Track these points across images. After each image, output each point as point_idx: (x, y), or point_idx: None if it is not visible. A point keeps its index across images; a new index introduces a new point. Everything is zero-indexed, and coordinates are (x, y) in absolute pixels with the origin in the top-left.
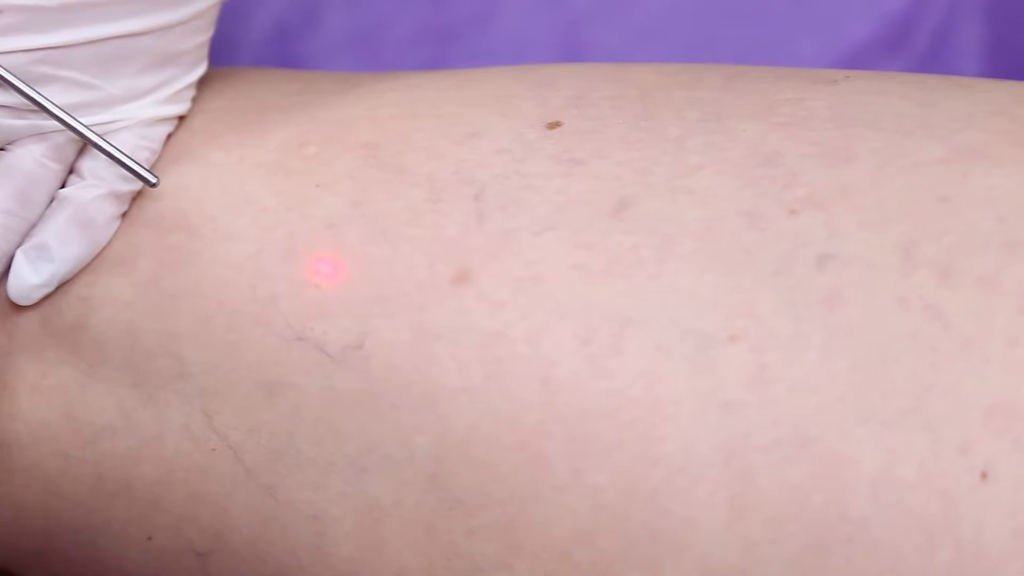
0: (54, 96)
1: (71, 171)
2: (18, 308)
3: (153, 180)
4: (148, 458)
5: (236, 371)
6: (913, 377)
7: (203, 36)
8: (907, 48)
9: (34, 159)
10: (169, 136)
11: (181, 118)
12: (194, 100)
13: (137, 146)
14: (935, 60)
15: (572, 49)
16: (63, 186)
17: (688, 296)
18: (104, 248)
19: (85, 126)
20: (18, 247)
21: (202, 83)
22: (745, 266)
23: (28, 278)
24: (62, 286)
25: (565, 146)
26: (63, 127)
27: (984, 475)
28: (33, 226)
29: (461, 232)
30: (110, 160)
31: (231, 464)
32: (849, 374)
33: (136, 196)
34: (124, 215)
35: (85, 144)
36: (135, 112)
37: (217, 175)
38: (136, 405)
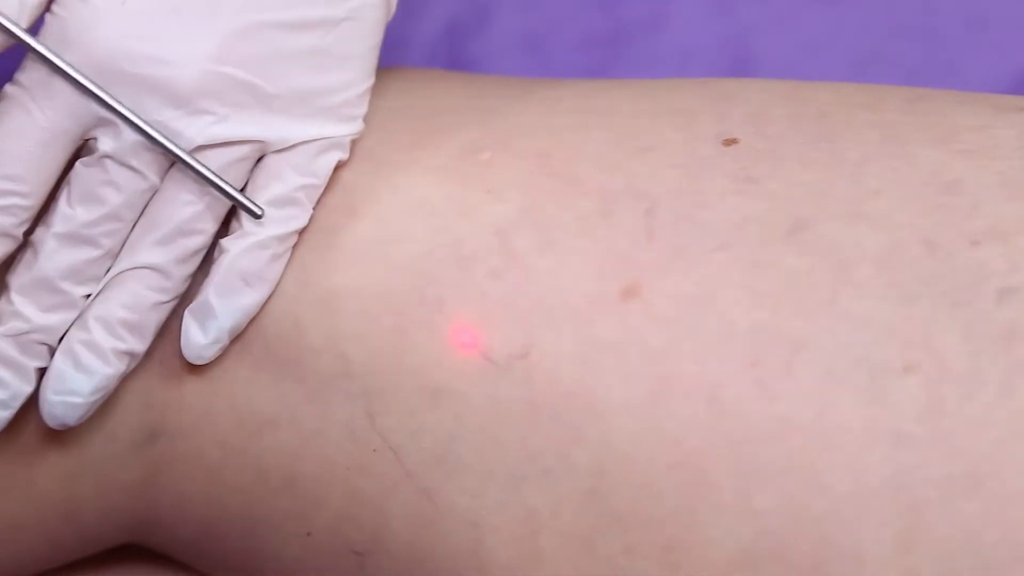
0: (218, 95)
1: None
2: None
3: (259, 212)
4: (309, 455)
5: (400, 373)
6: None
7: (370, 42)
8: None
9: (183, 201)
10: (339, 164)
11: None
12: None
13: (300, 187)
14: None
15: (739, 60)
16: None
17: (863, 323)
18: None
19: (194, 158)
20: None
21: (379, 81)
22: (923, 296)
23: (197, 339)
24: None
25: (741, 164)
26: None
27: None
28: (198, 257)
29: (631, 246)
30: (273, 200)
31: (391, 466)
32: None
33: None
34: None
35: (247, 163)
36: (294, 129)
37: (390, 175)
38: (300, 401)
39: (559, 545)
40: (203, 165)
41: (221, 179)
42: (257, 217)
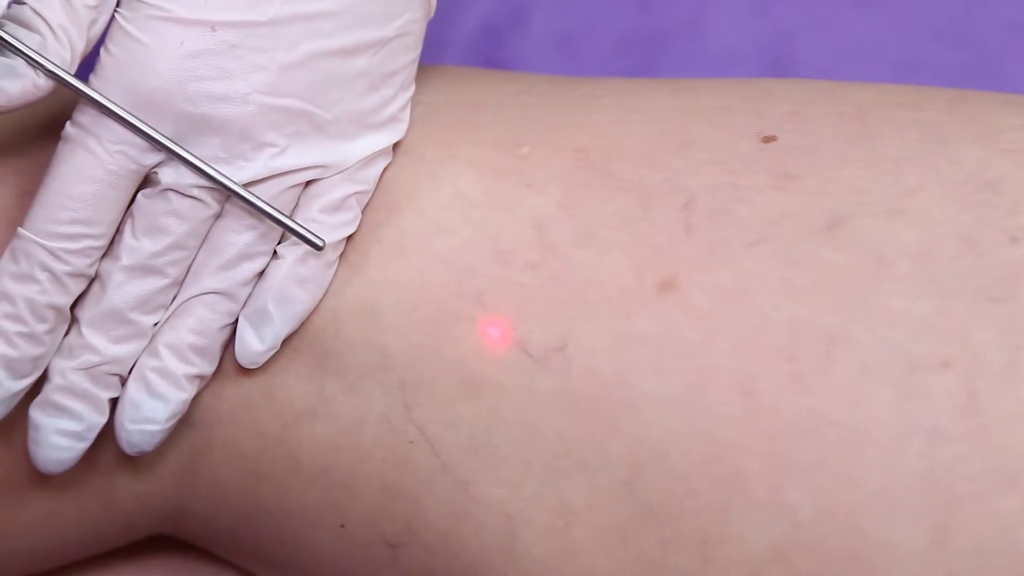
0: (278, 127)
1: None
2: None
3: (320, 243)
4: (346, 446)
5: (438, 365)
6: None
7: (413, 54)
8: None
9: (245, 225)
10: (385, 169)
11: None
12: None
13: (351, 194)
14: None
15: (778, 64)
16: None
17: (900, 319)
18: None
19: (252, 193)
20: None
21: (419, 77)
22: (961, 292)
23: (253, 346)
24: None
25: (780, 160)
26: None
27: None
28: (258, 277)
29: (669, 240)
30: (325, 207)
31: (427, 457)
32: None
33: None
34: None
35: (303, 186)
36: (349, 150)
37: (430, 169)
38: (337, 392)
39: (593, 537)
40: (263, 200)
41: (281, 212)
42: (318, 249)
